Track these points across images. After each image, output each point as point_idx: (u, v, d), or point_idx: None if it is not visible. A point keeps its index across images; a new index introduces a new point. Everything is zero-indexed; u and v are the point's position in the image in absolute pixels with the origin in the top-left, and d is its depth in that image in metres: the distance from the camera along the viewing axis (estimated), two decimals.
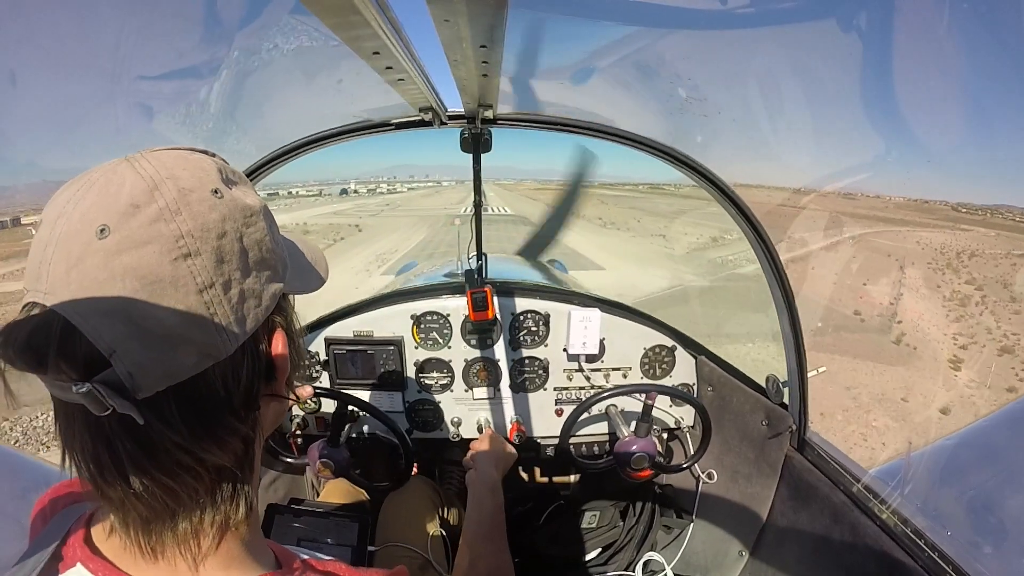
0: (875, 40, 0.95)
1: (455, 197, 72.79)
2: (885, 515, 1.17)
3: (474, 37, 0.71)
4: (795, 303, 1.47)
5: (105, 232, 0.40)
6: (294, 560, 0.57)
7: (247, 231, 0.47)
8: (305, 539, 1.52)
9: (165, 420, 0.41)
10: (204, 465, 0.45)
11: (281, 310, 0.53)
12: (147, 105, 1.14)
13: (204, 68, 1.06)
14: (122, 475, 0.42)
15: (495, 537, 1.09)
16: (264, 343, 0.50)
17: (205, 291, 0.42)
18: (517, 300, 1.88)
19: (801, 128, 1.43)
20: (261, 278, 0.48)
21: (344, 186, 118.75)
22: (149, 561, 0.46)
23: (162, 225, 0.41)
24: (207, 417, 0.44)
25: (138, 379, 0.39)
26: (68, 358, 0.39)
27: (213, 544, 0.48)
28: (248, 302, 0.46)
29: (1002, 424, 1.60)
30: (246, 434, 0.48)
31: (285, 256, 0.54)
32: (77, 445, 0.43)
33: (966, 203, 41.39)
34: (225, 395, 0.45)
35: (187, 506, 0.46)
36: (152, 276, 0.40)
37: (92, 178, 0.43)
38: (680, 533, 1.92)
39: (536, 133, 1.48)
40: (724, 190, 1.48)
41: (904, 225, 35.58)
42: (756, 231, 1.47)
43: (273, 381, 0.52)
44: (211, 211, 0.44)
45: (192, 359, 0.42)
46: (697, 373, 1.94)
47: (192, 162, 0.46)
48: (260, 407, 0.50)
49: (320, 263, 0.65)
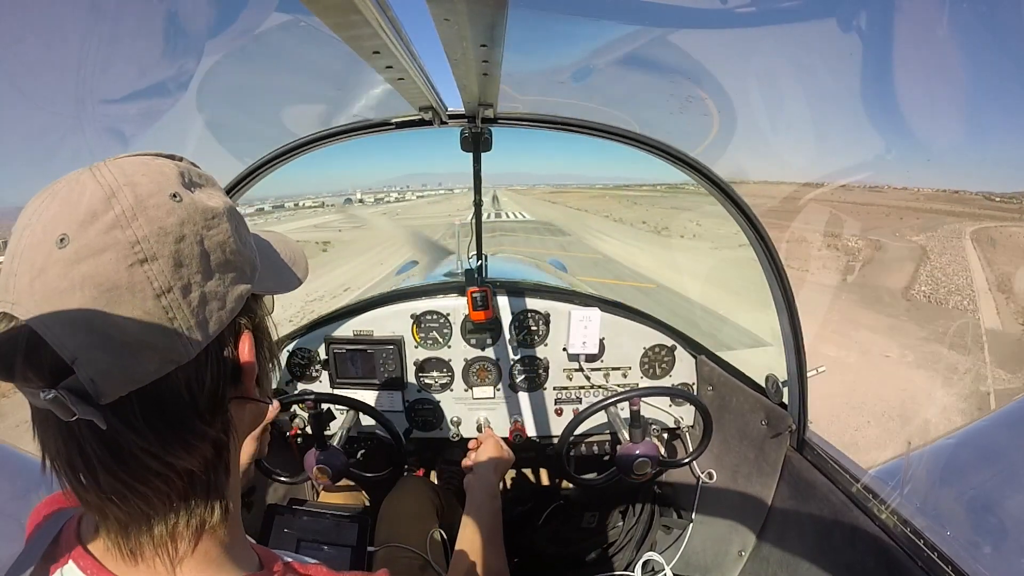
0: (877, 38, 0.95)
1: (465, 203, 71.48)
2: (884, 515, 1.17)
3: (474, 36, 0.71)
4: (795, 303, 1.47)
5: (64, 241, 0.40)
6: (276, 563, 0.57)
7: (208, 233, 0.47)
8: (305, 539, 1.52)
9: (130, 425, 0.42)
10: (173, 469, 0.45)
11: (249, 311, 0.52)
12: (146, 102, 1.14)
13: (203, 68, 1.05)
14: (95, 479, 0.43)
15: (492, 542, 1.10)
16: (230, 346, 0.50)
17: (163, 296, 0.42)
18: (517, 299, 1.88)
19: (802, 126, 1.43)
20: (224, 280, 0.48)
21: (349, 196, 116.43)
22: (130, 563, 0.47)
23: (118, 232, 0.41)
24: (173, 421, 0.44)
25: (100, 385, 0.39)
26: (34, 367, 0.40)
27: (190, 547, 0.49)
28: (210, 305, 0.46)
29: (1002, 424, 1.60)
30: (216, 438, 0.48)
31: (254, 257, 0.53)
32: (52, 448, 0.44)
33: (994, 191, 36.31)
34: (190, 399, 0.45)
35: (160, 510, 0.46)
36: (109, 283, 0.40)
37: (56, 188, 0.44)
38: (680, 533, 1.92)
39: (543, 137, 1.48)
40: (724, 189, 1.48)
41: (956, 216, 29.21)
42: (756, 230, 1.47)
43: (240, 383, 0.52)
44: (168, 215, 0.44)
45: (154, 364, 0.42)
46: (697, 373, 1.94)
47: (153, 167, 0.46)
48: (229, 410, 0.50)
49: (299, 262, 0.65)
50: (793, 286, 1.48)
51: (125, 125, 1.15)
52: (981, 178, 64.46)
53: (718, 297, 9.35)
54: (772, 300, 1.52)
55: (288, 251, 0.64)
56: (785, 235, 11.21)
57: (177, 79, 1.06)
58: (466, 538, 1.10)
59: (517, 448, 1.71)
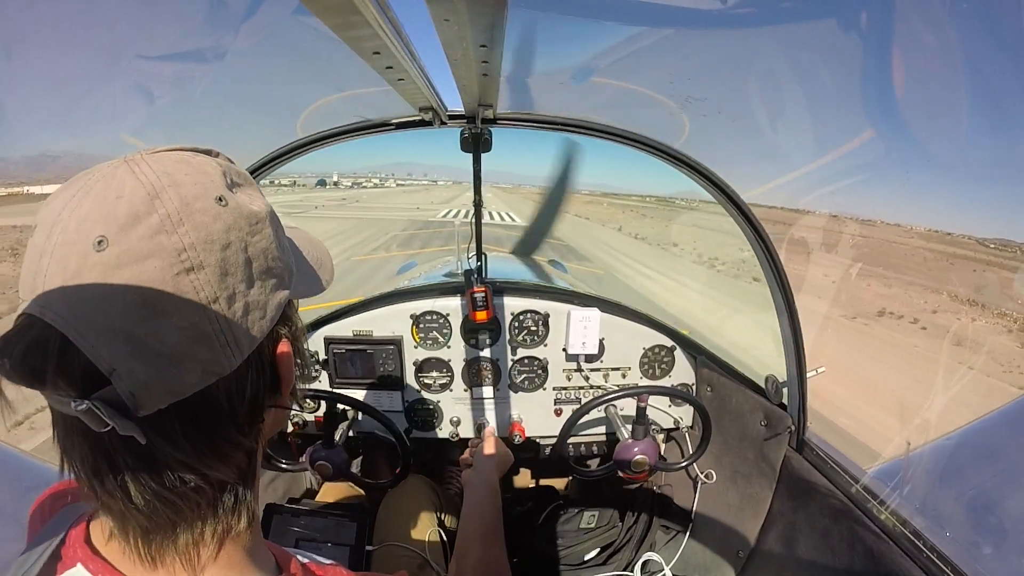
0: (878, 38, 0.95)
1: (442, 196, 60.45)
2: (884, 515, 1.17)
3: (474, 36, 0.71)
4: (795, 305, 1.47)
5: (103, 244, 0.38)
6: (292, 563, 0.56)
7: (252, 240, 0.45)
8: (303, 539, 1.52)
9: (167, 437, 0.40)
10: (207, 480, 0.44)
11: (286, 319, 0.51)
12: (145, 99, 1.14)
13: (203, 67, 1.06)
14: (123, 488, 0.41)
15: (492, 538, 1.08)
16: (268, 354, 0.48)
17: (209, 306, 0.40)
18: (517, 300, 1.88)
19: (802, 128, 1.43)
20: (266, 288, 0.46)
21: (323, 178, 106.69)
22: (148, 567, 0.45)
23: (163, 238, 0.39)
24: (211, 433, 0.43)
25: (139, 398, 0.38)
26: (66, 376, 0.37)
27: (213, 553, 0.47)
28: (253, 314, 0.44)
29: (1002, 424, 1.60)
30: (250, 447, 0.48)
31: (291, 262, 0.52)
32: (76, 455, 0.41)
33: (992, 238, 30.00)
34: (229, 409, 0.44)
35: (188, 518, 0.45)
36: (153, 292, 0.38)
37: (89, 182, 0.41)
38: (679, 533, 1.92)
39: (533, 138, 1.48)
40: (725, 190, 1.48)
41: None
42: (756, 231, 1.47)
43: (278, 392, 0.51)
44: (215, 221, 0.42)
45: (196, 376, 0.40)
46: (696, 373, 1.94)
47: (195, 166, 0.44)
48: (265, 419, 0.49)
49: (325, 264, 0.63)
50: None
51: (120, 109, 1.14)
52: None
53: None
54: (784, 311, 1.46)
55: (314, 252, 0.62)
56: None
57: (177, 79, 1.06)
58: (466, 536, 1.09)
59: (516, 448, 1.71)
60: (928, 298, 12.92)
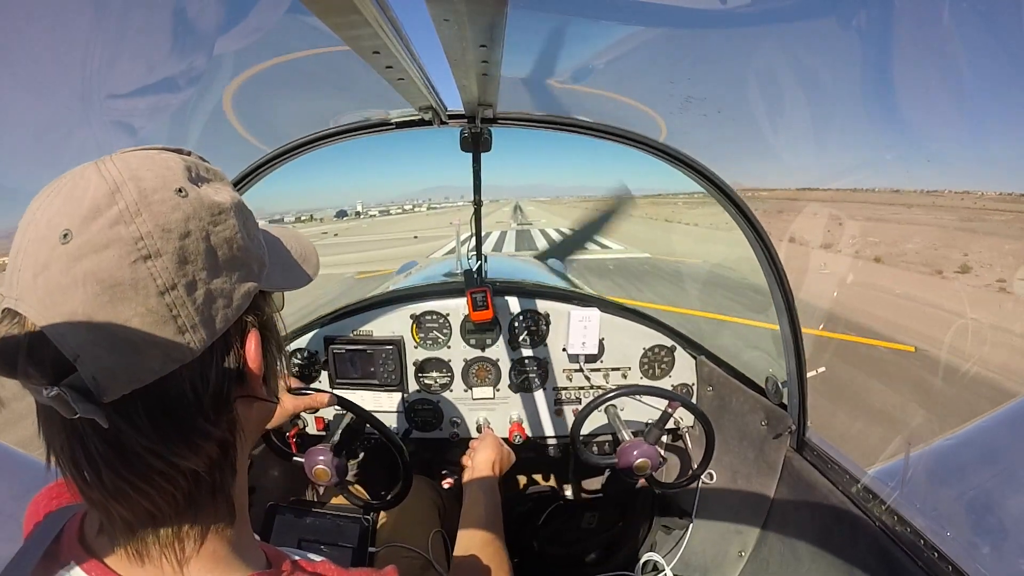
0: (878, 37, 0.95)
1: (448, 217, 61.78)
2: (884, 515, 1.17)
3: (474, 36, 0.71)
4: (795, 304, 1.47)
5: (68, 237, 0.39)
6: (284, 561, 0.57)
7: (215, 229, 0.46)
8: (306, 539, 1.52)
9: (133, 424, 0.41)
10: (178, 469, 0.44)
11: (256, 309, 0.51)
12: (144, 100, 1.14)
13: (202, 67, 1.06)
14: (98, 476, 0.42)
15: (493, 537, 1.08)
16: (236, 344, 0.49)
17: (167, 293, 0.41)
18: (517, 300, 1.88)
19: (803, 127, 1.43)
20: (231, 277, 0.47)
21: (344, 208, 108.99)
22: (135, 563, 0.47)
23: (121, 228, 0.40)
24: (177, 420, 0.44)
25: (102, 383, 0.39)
26: (37, 364, 0.39)
27: (196, 547, 0.48)
28: (216, 303, 0.45)
29: (1002, 424, 1.60)
30: (222, 437, 0.48)
31: (262, 253, 0.52)
32: (56, 444, 0.43)
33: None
34: (194, 398, 0.44)
35: (165, 510, 0.46)
36: (111, 280, 0.40)
37: (61, 183, 0.43)
38: (680, 533, 1.92)
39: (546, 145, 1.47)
40: (724, 190, 1.48)
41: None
42: (756, 231, 1.47)
43: (246, 383, 0.51)
44: (173, 211, 0.43)
45: (157, 363, 0.41)
46: (697, 373, 1.94)
47: (158, 161, 0.46)
48: (235, 410, 0.49)
49: (309, 258, 0.64)
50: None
51: (124, 123, 1.15)
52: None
53: None
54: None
55: (299, 247, 0.63)
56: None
57: (177, 79, 1.06)
58: (467, 535, 1.09)
59: (517, 448, 1.71)
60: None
